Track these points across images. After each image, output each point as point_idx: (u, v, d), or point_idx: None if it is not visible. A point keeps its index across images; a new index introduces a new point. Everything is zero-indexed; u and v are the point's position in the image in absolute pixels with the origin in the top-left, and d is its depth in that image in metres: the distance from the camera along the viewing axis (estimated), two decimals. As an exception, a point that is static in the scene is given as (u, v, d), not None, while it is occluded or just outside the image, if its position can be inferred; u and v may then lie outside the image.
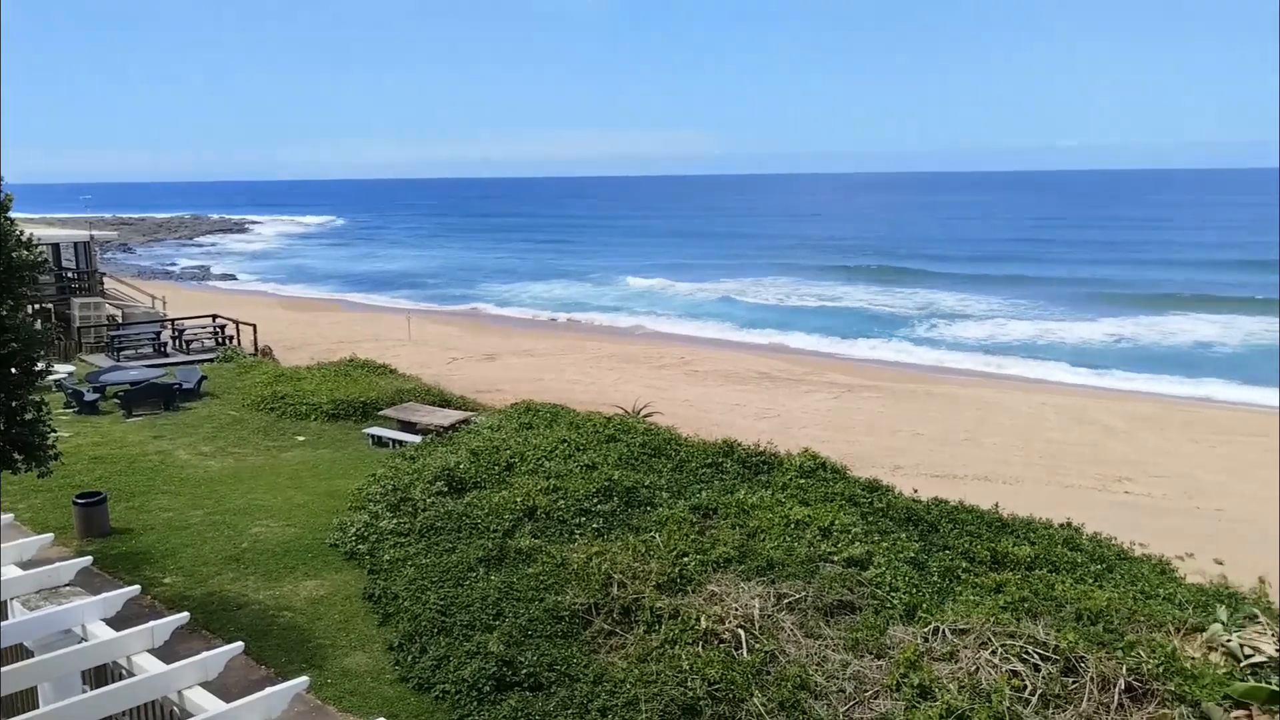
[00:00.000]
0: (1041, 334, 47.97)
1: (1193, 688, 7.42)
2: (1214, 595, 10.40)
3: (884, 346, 44.78)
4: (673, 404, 29.23)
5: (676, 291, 65.53)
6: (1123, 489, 22.34)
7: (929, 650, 8.68)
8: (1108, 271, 69.70)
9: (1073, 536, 12.43)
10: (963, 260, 78.42)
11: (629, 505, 13.89)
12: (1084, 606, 9.14)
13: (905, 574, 10.47)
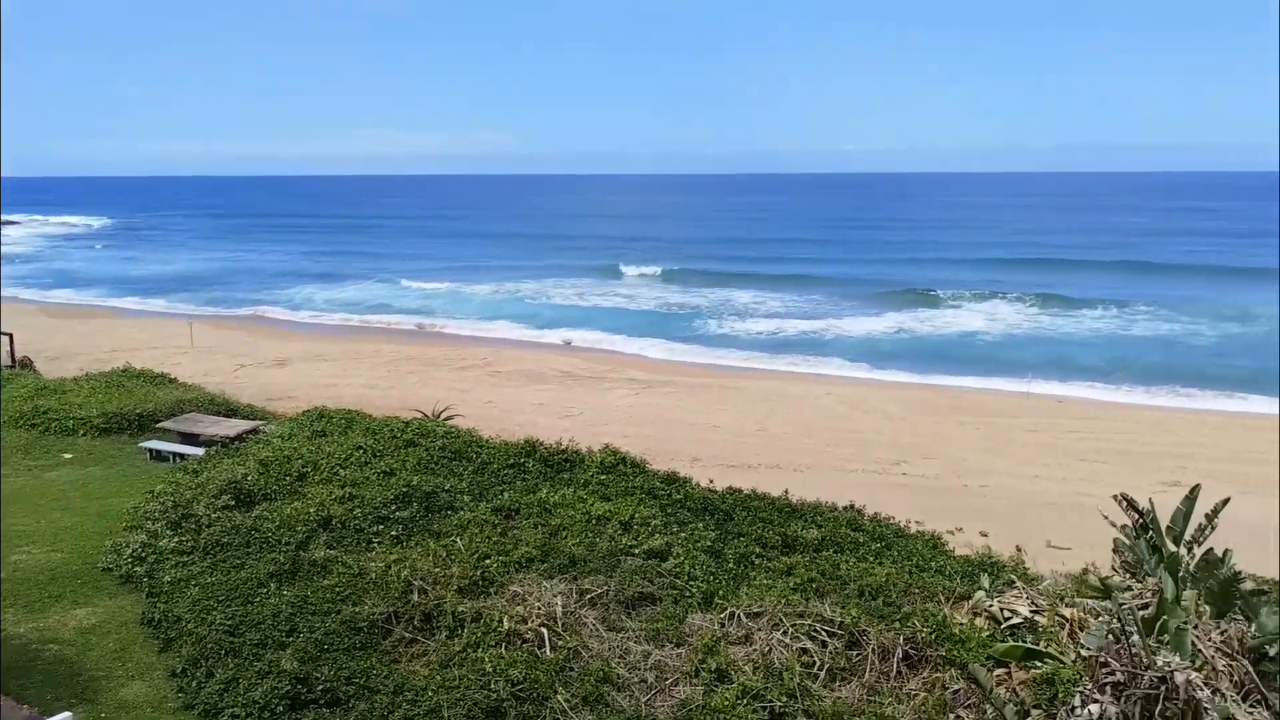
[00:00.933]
0: (827, 328, 50.68)
1: (961, 651, 8.04)
2: (978, 565, 11.34)
3: (681, 343, 46.02)
4: (475, 406, 28.91)
5: (476, 292, 64.81)
6: (900, 471, 23.95)
7: (726, 635, 9.00)
8: (888, 270, 74.43)
9: (855, 518, 13.22)
10: (757, 260, 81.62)
11: (429, 510, 13.62)
12: (865, 583, 9.75)
13: (703, 563, 10.81)
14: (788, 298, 61.76)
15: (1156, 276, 69.45)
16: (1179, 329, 49.37)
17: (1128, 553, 9.68)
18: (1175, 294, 60.04)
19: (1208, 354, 42.79)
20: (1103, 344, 45.75)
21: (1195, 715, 6.92)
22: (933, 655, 8.21)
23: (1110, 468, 24.36)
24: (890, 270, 74.04)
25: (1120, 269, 73.39)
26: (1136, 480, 22.00)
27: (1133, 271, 71.98)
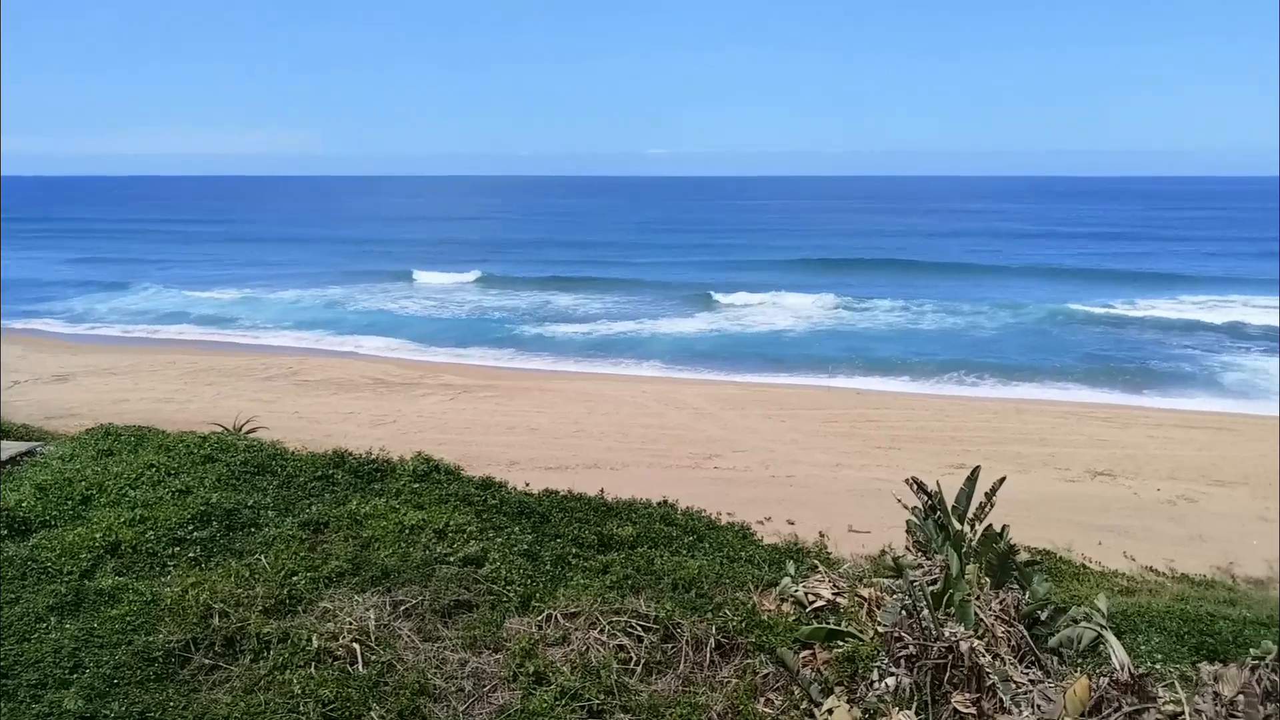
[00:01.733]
0: (643, 329, 51.55)
1: (769, 637, 8.35)
2: (785, 553, 11.82)
3: (498, 347, 45.65)
4: (280, 417, 27.67)
5: (281, 298, 62.00)
6: (713, 465, 24.68)
7: (544, 637, 8.99)
8: (699, 273, 76.35)
9: (669, 513, 13.47)
10: (574, 263, 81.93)
11: (230, 529, 12.88)
12: (679, 576, 9.97)
13: (520, 566, 10.74)
14: (605, 300, 62.43)
15: (940, 275, 74.60)
16: (961, 322, 53.23)
17: (918, 532, 10.30)
18: (958, 291, 64.75)
19: (986, 346, 46.33)
20: (896, 338, 48.71)
21: (978, 679, 7.43)
22: (743, 642, 8.49)
23: (904, 454, 25.98)
24: (701, 273, 75.98)
25: (907, 268, 78.35)
26: (927, 464, 23.57)
27: (918, 270, 76.98)
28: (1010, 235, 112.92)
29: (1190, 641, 9.79)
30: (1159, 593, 13.96)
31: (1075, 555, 16.77)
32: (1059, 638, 8.12)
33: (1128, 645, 9.12)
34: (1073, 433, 29.33)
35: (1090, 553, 17.28)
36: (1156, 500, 22.35)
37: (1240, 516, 21.09)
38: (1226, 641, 9.55)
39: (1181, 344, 47.51)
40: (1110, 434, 29.24)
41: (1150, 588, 14.86)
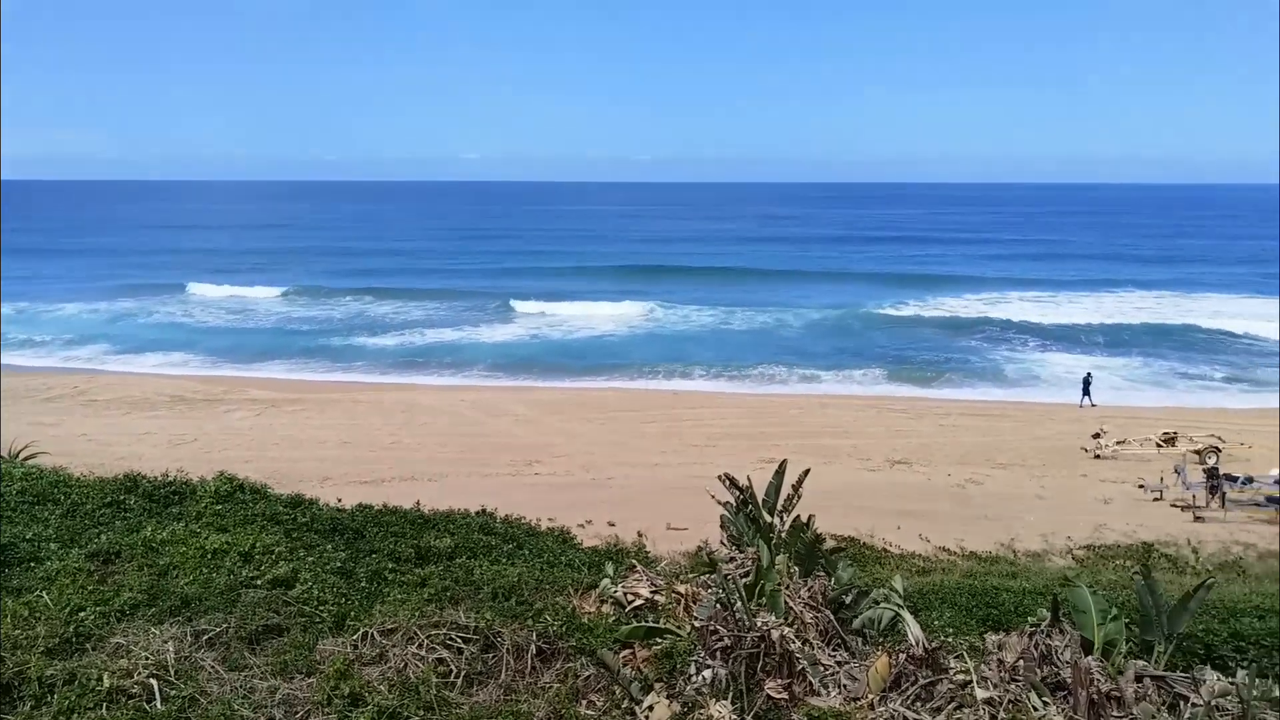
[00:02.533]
0: (463, 337, 50.82)
1: (589, 639, 8.41)
2: (605, 554, 11.93)
3: (308, 358, 43.87)
4: (66, 440, 25.58)
5: (62, 312, 57.26)
6: (534, 471, 24.62)
7: (359, 656, 8.71)
8: (515, 281, 75.72)
9: (488, 522, 13.33)
10: (386, 273, 79.53)
11: (6, 565, 11.79)
12: (499, 585, 9.89)
13: (333, 585, 10.35)
14: (420, 308, 61.14)
15: (749, 280, 77.31)
16: (770, 324, 55.37)
17: (731, 527, 10.60)
18: (766, 294, 67.36)
19: (792, 346, 48.42)
20: (710, 340, 50.13)
21: (789, 664, 7.74)
22: (564, 647, 8.51)
23: (719, 450, 26.77)
24: (518, 280, 75.38)
25: (719, 274, 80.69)
26: (740, 460, 24.37)
27: (729, 276, 79.44)
28: (813, 240, 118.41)
29: (978, 614, 10.54)
30: (951, 570, 14.99)
31: (877, 540, 17.78)
32: (862, 619, 8.57)
33: (923, 621, 9.74)
34: (873, 424, 31.08)
35: (890, 537, 18.36)
36: (947, 484, 24.01)
37: (1018, 495, 22.97)
38: (1009, 611, 10.33)
39: (967, 340, 51.30)
40: (906, 425, 31.16)
41: (943, 566, 15.94)
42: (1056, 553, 18.01)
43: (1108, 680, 6.93)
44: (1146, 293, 71.68)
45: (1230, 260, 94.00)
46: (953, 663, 7.52)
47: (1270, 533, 20.28)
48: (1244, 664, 8.18)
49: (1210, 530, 20.14)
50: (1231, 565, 16.95)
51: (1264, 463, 25.03)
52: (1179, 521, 21.00)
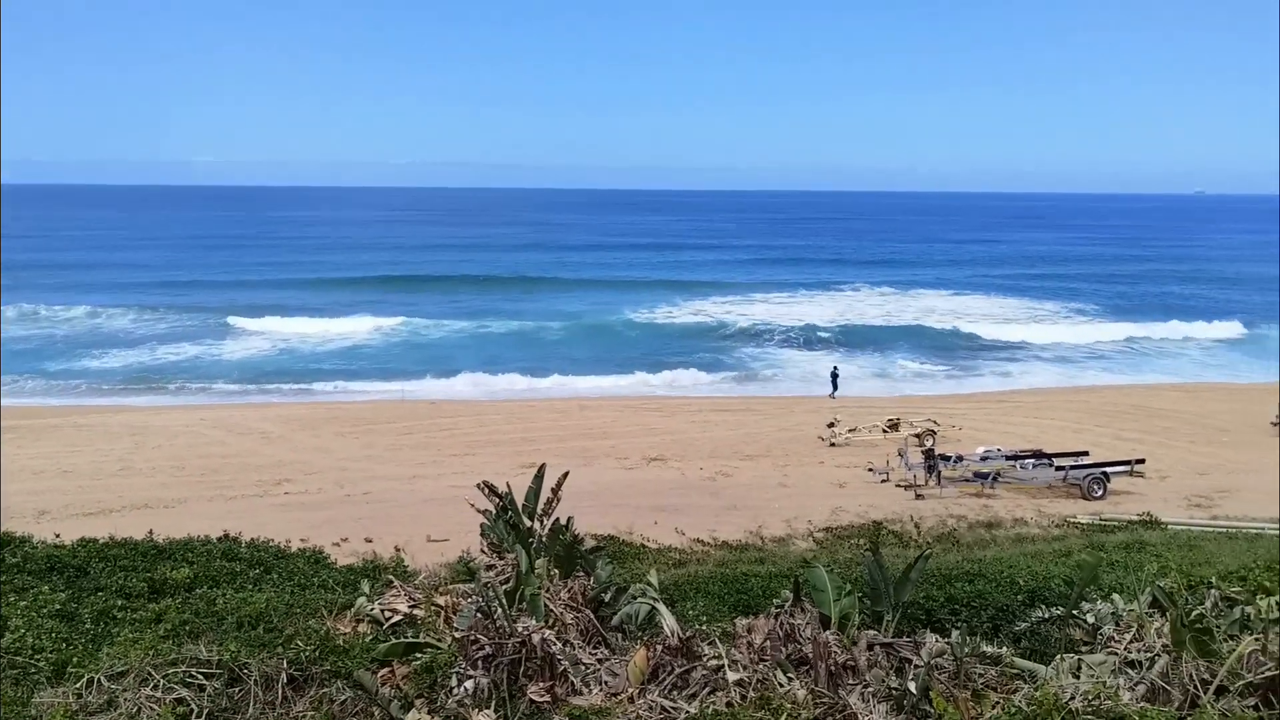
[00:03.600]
0: (203, 351, 47.42)
1: (345, 661, 8.12)
2: (361, 572, 11.55)
3: (18, 379, 39.38)
4: None
5: None
6: (283, 490, 23.38)
7: (84, 707, 7.95)
8: (256, 293, 71.20)
9: (231, 547, 12.56)
10: (116, 288, 72.61)
11: None
12: (244, 613, 9.33)
13: (51, 629, 9.38)
14: (152, 323, 56.48)
15: (507, 288, 77.12)
16: (529, 331, 55.52)
17: (492, 534, 10.56)
18: (525, 302, 67.59)
19: (551, 351, 48.84)
20: (470, 347, 49.59)
21: (551, 666, 7.81)
22: (318, 672, 8.17)
23: (479, 458, 26.55)
24: (258, 293, 70.46)
25: (477, 282, 79.82)
26: (501, 466, 24.32)
27: (488, 284, 78.73)
28: (575, 247, 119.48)
29: (730, 600, 11.10)
30: (705, 561, 15.68)
31: (636, 536, 18.27)
32: (620, 615, 8.79)
33: (679, 612, 10.13)
34: (629, 424, 31.91)
35: (648, 532, 18.92)
36: (700, 478, 25.06)
37: (765, 485, 24.35)
38: (758, 595, 10.96)
39: (717, 340, 53.84)
40: (660, 422, 32.24)
41: (698, 557, 16.64)
42: (799, 536, 19.24)
43: (844, 651, 7.49)
44: (872, 289, 78.37)
45: (946, 262, 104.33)
46: (707, 649, 7.86)
47: (978, 505, 22.66)
48: (957, 624, 9.11)
49: (929, 506, 22.21)
50: (947, 536, 18.79)
51: (971, 443, 27.93)
52: (903, 500, 23.01)
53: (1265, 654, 6.95)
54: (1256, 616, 7.52)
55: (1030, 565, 11.44)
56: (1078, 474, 24.12)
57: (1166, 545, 15.64)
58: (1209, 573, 9.32)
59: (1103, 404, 36.06)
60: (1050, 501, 23.16)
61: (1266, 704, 6.73)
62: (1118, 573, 11.61)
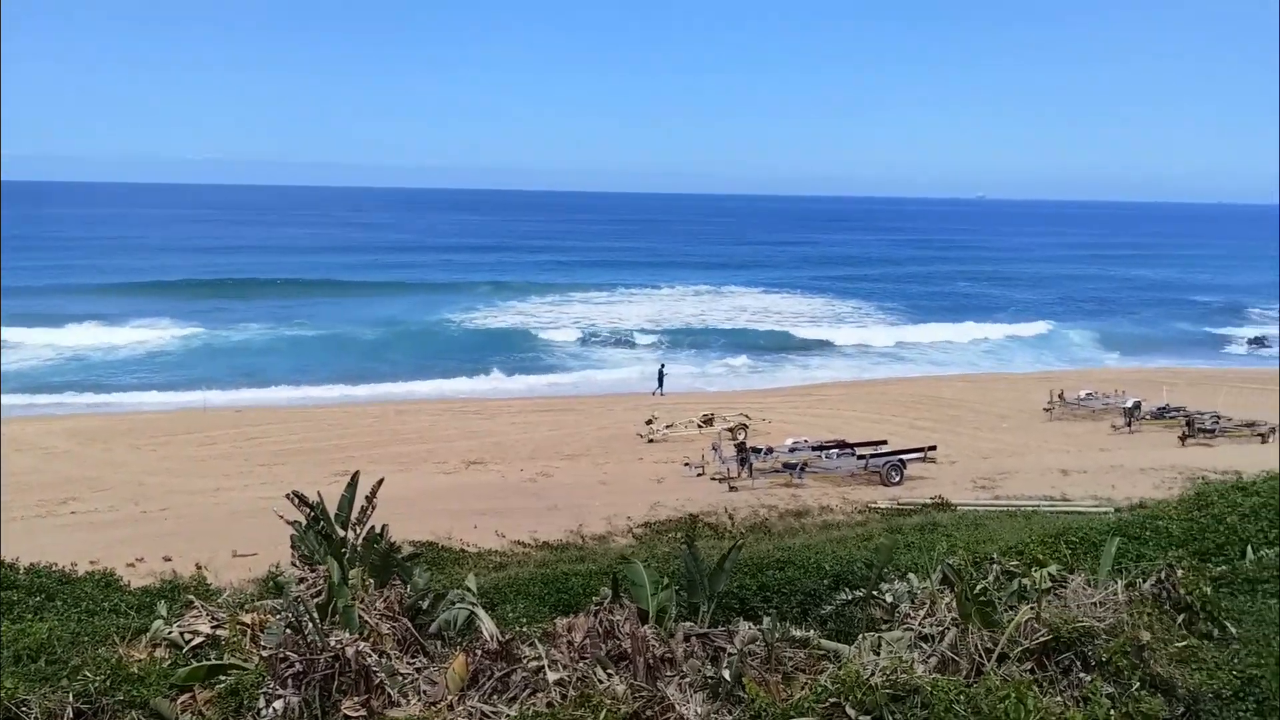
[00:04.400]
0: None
1: (141, 690, 7.61)
2: (157, 593, 10.87)
3: None
4: None
5: None
6: (69, 510, 21.63)
7: None
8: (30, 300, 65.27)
9: (7, 575, 11.51)
10: None
11: None
12: (23, 646, 8.58)
13: None
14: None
15: (316, 291, 73.81)
16: (340, 336, 53.52)
17: (303, 546, 10.17)
18: (336, 306, 65.19)
19: (365, 356, 47.38)
20: (279, 353, 47.42)
21: (367, 680, 7.61)
22: (109, 704, 7.62)
23: (290, 468, 25.44)
24: (42, 300, 64.23)
25: (283, 286, 75.81)
26: (313, 475, 23.35)
27: (294, 289, 74.83)
28: (386, 249, 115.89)
29: (550, 600, 11.13)
30: (526, 562, 15.64)
31: (455, 541, 18.00)
32: (439, 622, 8.66)
33: (499, 615, 10.08)
34: (448, 428, 31.41)
35: (468, 536, 18.68)
36: (521, 479, 24.98)
37: (585, 484, 24.54)
38: (578, 594, 11.03)
39: (536, 340, 53.75)
40: (481, 425, 31.90)
41: (519, 559, 16.58)
42: (619, 533, 19.49)
43: (662, 644, 7.66)
44: (688, 289, 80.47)
45: (758, 264, 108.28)
46: (527, 651, 7.85)
47: (787, 494, 23.65)
48: (769, 611, 9.49)
49: (742, 498, 23.00)
50: (759, 526, 19.52)
51: (781, 435, 29.12)
52: (718, 493, 23.73)
53: (1039, 621, 7.61)
54: (1032, 587, 8.19)
55: (835, 550, 12.05)
56: (877, 462, 25.58)
57: (956, 525, 16.82)
58: (992, 549, 10.10)
59: (899, 395, 38.42)
60: (853, 489, 24.44)
61: (1041, 667, 7.37)
62: (913, 553, 12.40)
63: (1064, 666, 7.37)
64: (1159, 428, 32.03)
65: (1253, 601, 8.46)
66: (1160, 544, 9.90)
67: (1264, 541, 9.52)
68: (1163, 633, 7.66)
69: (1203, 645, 7.68)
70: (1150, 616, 7.76)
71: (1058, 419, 33.66)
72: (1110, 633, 7.42)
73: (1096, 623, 7.56)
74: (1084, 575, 8.50)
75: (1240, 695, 7.14)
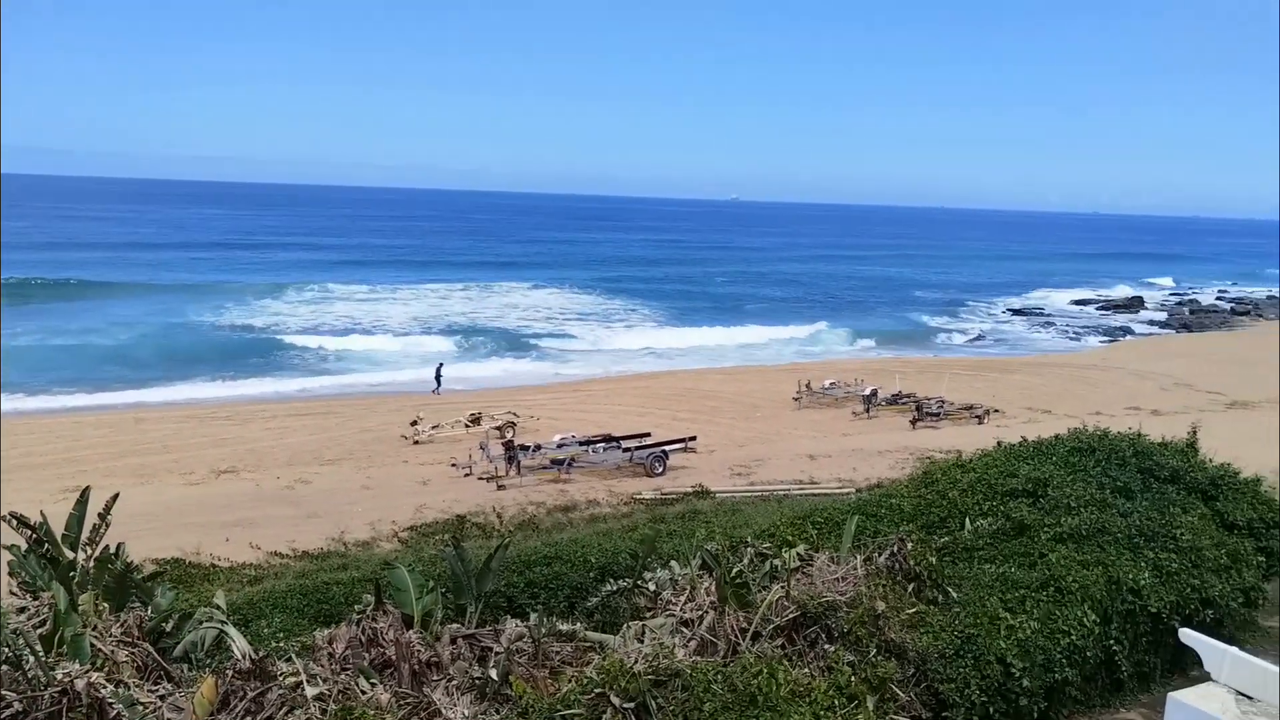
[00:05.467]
0: None
1: None
2: None
3: None
4: None
5: None
6: None
7: None
8: None
9: None
10: None
11: None
12: None
13: None
14: None
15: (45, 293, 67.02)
16: (74, 341, 48.61)
17: (23, 572, 9.22)
18: (67, 308, 59.27)
19: (104, 361, 43.30)
20: (11, 356, 42.29)
21: (101, 713, 7.03)
22: None
23: (10, 487, 22.86)
24: None
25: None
26: (37, 494, 21.16)
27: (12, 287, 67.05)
28: (123, 246, 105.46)
29: (310, 612, 10.66)
30: (284, 574, 14.88)
31: (204, 556, 16.86)
32: (184, 644, 8.12)
33: (254, 631, 9.56)
34: (195, 435, 29.35)
35: (220, 550, 17.55)
36: (277, 488, 23.73)
37: (346, 489, 23.68)
38: (340, 603, 10.62)
39: (294, 342, 51.08)
40: (231, 431, 30.02)
41: (276, 571, 15.75)
42: (384, 538, 18.96)
43: (427, 649, 7.55)
44: (453, 286, 79.31)
45: (528, 262, 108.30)
46: (284, 667, 7.51)
47: (555, 490, 23.88)
48: (536, 607, 9.56)
49: (511, 495, 22.99)
50: (528, 523, 19.58)
51: (549, 431, 29.34)
52: (486, 492, 23.58)
53: (789, 599, 8.13)
54: (782, 567, 8.71)
55: (601, 543, 12.28)
56: (642, 454, 26.32)
57: (715, 512, 17.61)
58: (747, 533, 10.65)
59: (662, 389, 39.68)
60: (619, 481, 25.01)
61: (791, 641, 7.88)
62: (676, 541, 12.86)
63: (811, 639, 7.92)
64: (893, 413, 34.96)
65: (970, 568, 9.40)
66: (894, 520, 10.78)
67: (979, 513, 10.58)
68: (896, 601, 8.38)
69: (929, 610, 8.47)
70: (885, 587, 8.48)
71: (805, 408, 35.92)
72: (851, 605, 8.04)
73: (839, 596, 8.17)
74: (828, 553, 9.14)
75: (960, 653, 7.94)
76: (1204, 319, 76.46)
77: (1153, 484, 11.29)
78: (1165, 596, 9.27)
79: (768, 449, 28.73)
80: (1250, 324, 73.42)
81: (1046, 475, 11.23)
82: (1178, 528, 10.14)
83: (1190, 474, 11.58)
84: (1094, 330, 69.27)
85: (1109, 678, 9.13)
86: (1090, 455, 11.96)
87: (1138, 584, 9.18)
